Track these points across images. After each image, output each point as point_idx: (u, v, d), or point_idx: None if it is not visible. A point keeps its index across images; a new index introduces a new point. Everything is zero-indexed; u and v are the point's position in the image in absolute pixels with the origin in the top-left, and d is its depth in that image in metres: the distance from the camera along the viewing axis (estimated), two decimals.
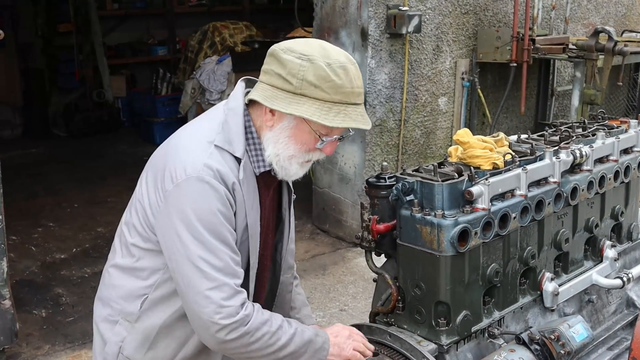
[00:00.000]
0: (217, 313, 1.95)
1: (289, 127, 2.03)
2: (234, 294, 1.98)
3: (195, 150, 2.02)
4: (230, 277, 1.98)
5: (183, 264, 1.98)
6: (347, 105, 1.99)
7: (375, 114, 5.99)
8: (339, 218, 6.38)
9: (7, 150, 8.47)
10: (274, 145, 2.06)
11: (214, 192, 1.97)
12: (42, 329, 4.80)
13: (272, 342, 2.03)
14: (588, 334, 2.48)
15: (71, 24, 10.17)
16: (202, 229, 1.96)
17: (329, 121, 1.96)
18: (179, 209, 1.98)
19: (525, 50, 6.31)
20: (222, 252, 1.98)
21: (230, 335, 1.97)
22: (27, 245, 6.27)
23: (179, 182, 1.98)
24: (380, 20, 5.83)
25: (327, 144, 2.07)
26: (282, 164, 2.08)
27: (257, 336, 2.00)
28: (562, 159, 2.64)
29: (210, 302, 1.95)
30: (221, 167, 2.00)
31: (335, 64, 1.96)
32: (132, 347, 2.16)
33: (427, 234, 2.26)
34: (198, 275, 1.96)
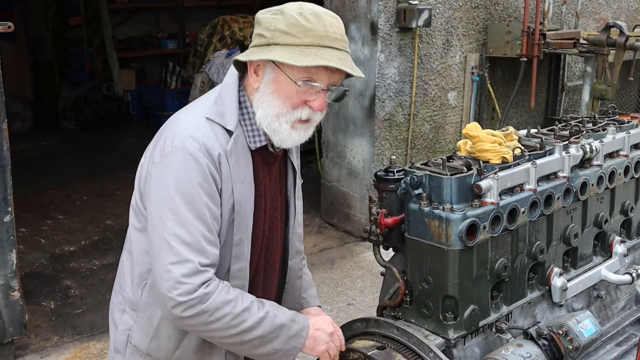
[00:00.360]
0: (174, 288, 1.92)
1: (270, 82, 2.00)
2: (196, 272, 1.93)
3: (186, 123, 2.03)
4: (195, 254, 1.93)
5: (155, 234, 1.97)
6: (321, 47, 1.94)
7: (385, 108, 5.98)
8: (347, 212, 6.38)
9: (17, 143, 8.46)
10: (261, 106, 2.03)
11: (196, 165, 1.94)
12: (51, 320, 4.83)
13: (234, 323, 1.97)
14: (596, 329, 2.46)
15: (81, 17, 10.19)
16: (179, 200, 1.94)
17: (297, 61, 1.91)
18: (162, 179, 1.98)
19: (536, 44, 6.28)
20: (194, 227, 1.94)
21: (186, 313, 1.93)
22: (36, 237, 6.30)
23: (165, 154, 1.99)
24: (390, 14, 5.81)
25: (316, 97, 2.00)
26: (272, 127, 2.03)
27: (217, 316, 1.95)
28: (572, 154, 2.62)
29: (170, 277, 1.92)
30: (207, 139, 1.98)
31: (306, 12, 1.96)
32: (138, 335, 2.17)
33: (436, 228, 2.25)
34: (165, 247, 1.94)
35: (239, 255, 2.09)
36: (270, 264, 2.27)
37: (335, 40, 1.97)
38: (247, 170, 2.07)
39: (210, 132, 2.00)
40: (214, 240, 1.99)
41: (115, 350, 2.25)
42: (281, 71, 1.98)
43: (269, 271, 2.27)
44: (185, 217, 1.94)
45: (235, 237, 2.06)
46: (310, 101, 2.01)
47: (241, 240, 2.08)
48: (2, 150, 3.91)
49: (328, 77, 1.99)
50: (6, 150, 3.93)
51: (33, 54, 10.17)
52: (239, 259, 2.09)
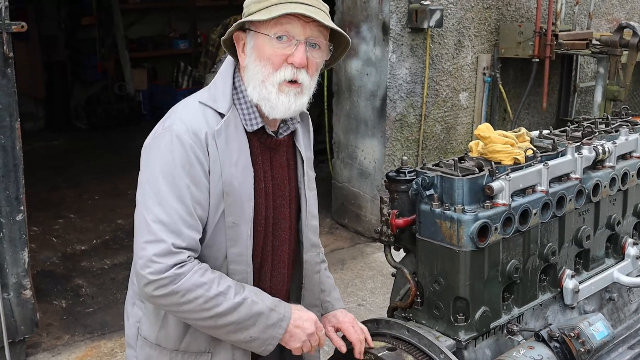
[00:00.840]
0: (147, 267, 1.93)
1: (251, 51, 2.04)
2: (168, 252, 1.93)
3: (179, 108, 2.08)
4: (170, 235, 1.94)
5: (137, 213, 2.01)
6: (288, 3, 1.98)
7: (396, 108, 5.97)
8: (358, 213, 6.38)
9: (29, 142, 8.54)
10: (249, 78, 2.06)
11: (180, 146, 1.97)
12: (62, 319, 4.85)
13: (207, 306, 1.97)
14: (608, 332, 2.45)
15: (94, 17, 10.24)
16: (161, 180, 1.96)
17: (264, 15, 1.97)
18: (149, 159, 2.03)
19: (548, 45, 6.26)
20: (172, 208, 1.95)
21: (157, 292, 1.94)
22: (48, 236, 6.33)
23: (155, 135, 2.05)
24: (401, 15, 5.80)
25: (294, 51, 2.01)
26: (261, 94, 2.04)
27: (189, 298, 1.95)
28: (584, 155, 2.61)
29: (144, 255, 1.94)
30: (195, 121, 2.00)
31: None
32: (147, 327, 2.18)
33: (447, 229, 2.25)
34: (143, 225, 1.97)
35: (235, 239, 2.07)
36: (278, 254, 2.24)
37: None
38: (242, 153, 2.07)
39: (200, 115, 2.03)
40: (193, 224, 1.99)
41: (127, 345, 2.27)
42: (257, 33, 2.02)
43: (277, 262, 2.25)
44: (164, 197, 1.96)
45: (228, 219, 2.05)
46: (290, 57, 2.02)
47: (235, 224, 2.06)
48: (14, 150, 3.93)
49: (302, 29, 2.01)
50: (19, 150, 3.95)
51: (46, 54, 10.22)
52: (235, 243, 2.08)
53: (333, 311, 2.42)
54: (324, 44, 2.08)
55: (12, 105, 3.86)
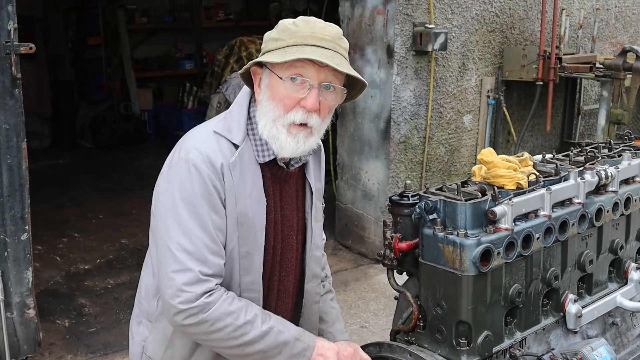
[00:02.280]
0: (176, 296, 1.94)
1: (266, 88, 2.05)
2: (197, 281, 1.95)
3: (195, 136, 2.08)
4: (197, 264, 1.96)
5: (160, 243, 2.01)
6: (305, 45, 1.98)
7: (400, 130, 5.99)
8: (361, 234, 6.38)
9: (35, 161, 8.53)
10: (262, 116, 2.07)
11: (198, 175, 1.98)
12: (65, 338, 4.84)
13: (236, 335, 1.98)
14: (611, 357, 2.45)
15: (101, 37, 10.31)
16: (182, 210, 1.97)
17: (279, 58, 1.97)
18: (167, 189, 2.03)
19: (552, 68, 6.29)
20: (196, 237, 1.97)
21: (188, 321, 1.96)
22: (52, 255, 6.34)
23: (172, 165, 2.05)
24: (406, 38, 5.84)
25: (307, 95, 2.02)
26: (271, 133, 2.05)
27: (218, 326, 1.96)
28: (587, 180, 2.62)
29: (172, 284, 1.95)
30: (211, 151, 2.02)
31: (298, 20, 2.03)
32: (153, 346, 2.19)
33: (450, 253, 2.26)
34: (168, 255, 1.97)
35: (249, 268, 2.10)
36: (284, 284, 2.27)
37: (321, 39, 2.01)
38: (256, 184, 2.09)
39: (215, 145, 2.04)
40: (217, 250, 2.01)
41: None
42: (272, 73, 2.03)
43: (282, 292, 2.27)
44: (188, 226, 1.97)
45: (242, 249, 2.08)
46: (302, 100, 2.03)
47: (249, 253, 2.09)
48: (20, 170, 3.95)
49: (317, 73, 2.01)
50: (25, 169, 3.97)
51: (52, 73, 10.29)
52: (249, 272, 2.10)
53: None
54: (339, 86, 2.08)
55: (19, 125, 3.89)
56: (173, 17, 11.20)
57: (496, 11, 6.52)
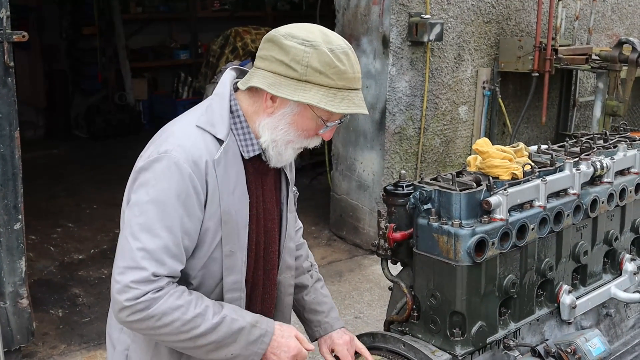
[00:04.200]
0: (123, 292, 1.89)
1: (291, 114, 2.00)
2: (146, 280, 1.89)
3: (176, 132, 2.01)
4: (152, 264, 1.89)
5: (122, 234, 1.96)
6: (350, 90, 1.96)
7: (395, 121, 5.98)
8: (356, 225, 6.37)
9: (29, 151, 8.51)
10: (272, 132, 2.02)
11: (178, 174, 1.92)
12: (59, 328, 4.83)
13: (185, 329, 1.93)
14: (605, 348, 2.45)
15: (95, 27, 10.26)
16: (152, 207, 1.91)
17: (335, 107, 1.93)
18: (143, 183, 1.96)
19: (548, 60, 6.28)
20: (158, 237, 1.90)
21: (132, 317, 1.90)
22: (46, 245, 6.32)
23: (151, 159, 1.97)
24: (401, 28, 5.82)
25: (328, 129, 2.04)
26: (279, 150, 2.04)
27: (165, 321, 1.91)
28: (582, 171, 2.62)
29: (122, 280, 1.89)
30: (195, 148, 1.95)
31: (337, 50, 1.94)
32: (137, 355, 2.12)
33: (444, 244, 2.25)
34: (126, 249, 1.92)
35: (232, 267, 2.05)
36: (269, 277, 2.23)
37: (358, 80, 2.00)
38: (239, 180, 2.04)
39: (200, 141, 1.98)
40: (177, 254, 1.94)
41: None
42: (309, 110, 1.98)
43: (268, 285, 2.23)
44: (153, 225, 1.91)
45: (225, 248, 2.02)
46: (322, 133, 2.05)
47: (232, 252, 2.04)
48: (13, 159, 3.93)
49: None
50: (18, 159, 3.95)
51: (47, 63, 10.24)
52: (232, 271, 2.05)
53: (330, 332, 2.41)
54: None
55: (11, 114, 3.87)
56: (168, 7, 11.15)
57: (492, 2, 6.50)
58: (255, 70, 2.01)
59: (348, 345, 2.37)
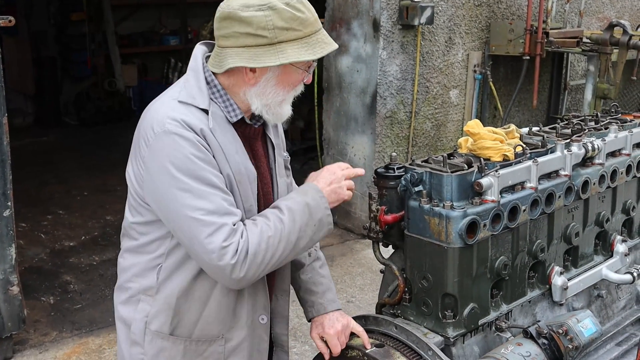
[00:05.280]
0: (222, 256, 1.94)
1: (274, 77, 2.05)
2: (231, 232, 1.96)
3: (160, 109, 2.05)
4: (226, 217, 1.96)
5: (178, 219, 1.98)
6: (317, 33, 2.04)
7: (386, 105, 5.96)
8: (347, 209, 6.37)
9: (18, 138, 8.48)
10: (261, 98, 2.07)
11: (184, 140, 1.96)
12: (50, 315, 4.82)
13: (278, 239, 2.02)
14: (597, 329, 2.45)
15: (84, 13, 10.19)
16: (184, 178, 1.95)
17: (314, 54, 2.01)
18: (158, 166, 1.99)
19: (539, 43, 6.27)
20: (211, 194, 1.96)
21: (244, 270, 1.97)
22: (36, 232, 6.30)
23: (150, 143, 2.00)
24: (392, 12, 5.79)
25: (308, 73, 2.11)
26: (274, 111, 2.10)
27: (263, 247, 1.99)
28: (574, 152, 2.61)
29: (213, 248, 1.94)
30: (185, 117, 2.00)
31: (292, 2, 2.01)
32: (158, 319, 2.15)
33: (436, 226, 2.24)
34: (195, 224, 1.95)
35: None
36: None
37: (317, 20, 2.06)
38: (237, 142, 2.10)
39: (188, 112, 2.02)
40: (232, 201, 2.02)
41: (132, 343, 2.21)
42: (291, 66, 2.03)
43: None
44: (197, 189, 1.95)
45: (246, 205, 2.10)
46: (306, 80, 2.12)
47: (251, 206, 2.12)
48: (2, 145, 3.90)
49: None
50: (6, 145, 3.92)
51: (35, 49, 10.16)
52: None
53: (322, 315, 2.40)
54: None
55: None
56: None
57: None
58: (223, 51, 2.03)
59: (339, 334, 2.35)
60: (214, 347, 2.17)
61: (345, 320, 2.40)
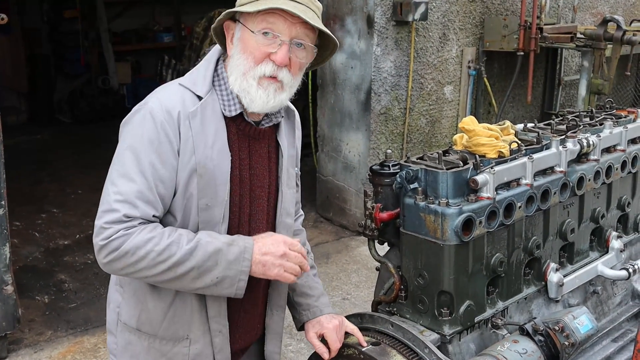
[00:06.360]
0: (98, 234, 1.96)
1: (237, 42, 2.06)
2: (119, 220, 1.94)
3: (159, 89, 2.10)
4: (125, 206, 1.95)
5: (105, 183, 2.03)
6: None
7: (380, 102, 5.95)
8: (342, 206, 6.36)
9: (12, 136, 8.46)
10: (233, 71, 2.06)
11: (152, 122, 1.99)
12: (45, 314, 4.80)
13: (161, 259, 1.94)
14: (593, 325, 2.45)
15: (77, 10, 10.16)
16: (128, 153, 1.99)
17: (251, 7, 1.98)
18: (123, 134, 2.06)
19: (533, 39, 6.27)
20: (132, 181, 1.96)
21: (109, 257, 1.95)
22: (30, 231, 6.28)
23: (130, 113, 2.08)
24: (386, 8, 5.78)
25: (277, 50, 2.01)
26: (242, 86, 2.04)
27: (140, 255, 1.93)
28: (569, 148, 2.60)
29: (97, 223, 1.97)
30: (169, 100, 2.02)
31: None
32: (126, 312, 2.17)
33: (431, 223, 2.24)
34: (104, 195, 2.00)
35: (208, 221, 2.06)
36: None
37: None
38: (219, 136, 2.06)
39: (177, 96, 2.04)
40: (151, 200, 1.98)
41: (108, 331, 2.26)
42: (244, 27, 2.03)
43: None
44: (128, 170, 1.98)
45: (201, 201, 2.04)
46: (272, 54, 2.02)
47: (208, 206, 2.05)
48: None
49: (288, 29, 2.01)
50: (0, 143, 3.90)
51: (28, 47, 10.13)
52: (208, 225, 2.06)
53: (318, 317, 2.39)
54: (310, 44, 2.07)
55: None
56: None
57: None
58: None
59: (337, 329, 2.35)
60: (178, 349, 2.15)
61: (339, 317, 2.40)
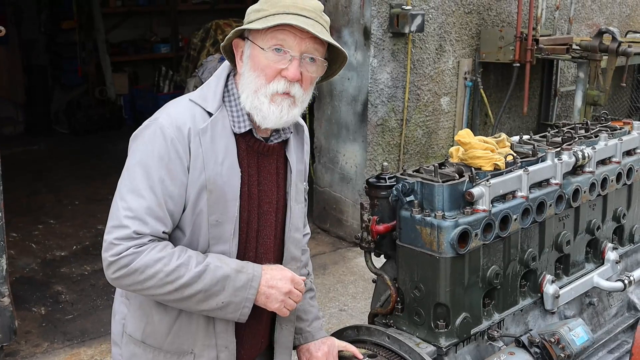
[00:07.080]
0: (108, 249, 1.96)
1: (247, 60, 2.05)
2: (129, 237, 1.95)
3: (169, 105, 2.10)
4: (135, 223, 1.95)
5: (114, 198, 2.04)
6: (286, 14, 1.99)
7: (377, 113, 5.97)
8: (339, 217, 6.37)
9: (9, 147, 8.46)
10: (245, 89, 2.06)
11: (162, 138, 1.99)
12: (41, 326, 4.79)
13: (169, 280, 1.96)
14: (588, 337, 2.46)
15: (74, 21, 10.18)
16: (138, 169, 1.99)
17: (260, 24, 1.98)
18: (132, 149, 2.06)
19: (529, 50, 6.30)
20: (142, 197, 1.97)
21: (117, 273, 1.96)
22: (27, 242, 6.27)
23: (141, 128, 2.08)
24: (383, 19, 5.81)
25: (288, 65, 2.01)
26: (253, 104, 2.04)
27: (149, 274, 1.94)
28: (564, 161, 2.62)
29: (107, 238, 1.97)
30: (181, 116, 2.02)
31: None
32: (132, 324, 2.17)
33: (427, 235, 2.25)
34: (114, 210, 2.00)
35: (219, 237, 2.07)
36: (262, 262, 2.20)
37: (302, 9, 2.01)
38: (229, 153, 2.07)
39: (188, 112, 2.04)
40: (161, 216, 1.99)
41: (113, 343, 2.26)
42: (254, 44, 2.03)
43: None
44: (137, 186, 1.98)
45: (211, 217, 2.05)
46: (284, 70, 2.02)
47: (219, 222, 2.06)
48: None
49: (298, 44, 2.01)
50: None
51: (26, 58, 10.14)
52: (219, 241, 2.07)
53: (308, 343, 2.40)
54: (320, 58, 2.07)
55: None
56: (148, 0, 11.06)
57: None
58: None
59: (327, 356, 2.35)
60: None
61: (329, 340, 2.40)
